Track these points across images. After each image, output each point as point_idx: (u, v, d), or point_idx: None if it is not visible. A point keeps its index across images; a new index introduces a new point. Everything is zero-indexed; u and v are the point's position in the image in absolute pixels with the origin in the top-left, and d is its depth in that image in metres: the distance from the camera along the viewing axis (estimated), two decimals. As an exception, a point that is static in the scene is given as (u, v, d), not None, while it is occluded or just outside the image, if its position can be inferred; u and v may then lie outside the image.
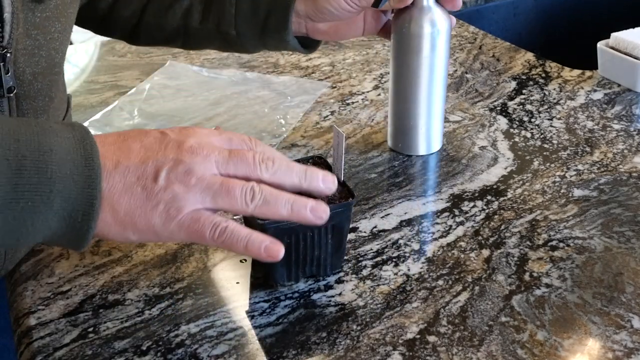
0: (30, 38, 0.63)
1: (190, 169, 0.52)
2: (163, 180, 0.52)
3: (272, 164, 0.56)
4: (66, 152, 0.50)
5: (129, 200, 0.52)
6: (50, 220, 0.50)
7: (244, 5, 0.82)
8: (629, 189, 0.78)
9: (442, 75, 0.83)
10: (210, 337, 0.59)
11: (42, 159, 0.49)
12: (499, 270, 0.66)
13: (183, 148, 0.53)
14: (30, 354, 0.58)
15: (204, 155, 0.53)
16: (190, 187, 0.52)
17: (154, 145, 0.54)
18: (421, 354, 0.57)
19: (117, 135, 0.55)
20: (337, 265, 0.66)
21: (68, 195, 0.49)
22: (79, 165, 0.50)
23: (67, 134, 0.51)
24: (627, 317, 0.61)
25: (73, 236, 0.51)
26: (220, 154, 0.54)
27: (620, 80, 1.02)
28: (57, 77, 0.68)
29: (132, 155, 0.53)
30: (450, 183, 0.80)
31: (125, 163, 0.52)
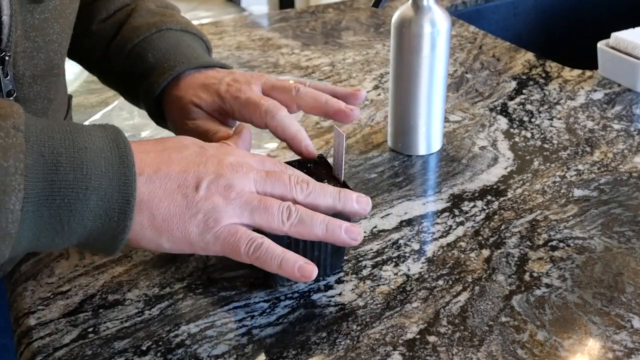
0: (29, 40, 0.62)
1: (231, 184, 0.54)
2: (204, 190, 0.53)
3: (307, 186, 0.58)
4: (100, 150, 0.50)
5: (169, 206, 0.52)
6: (86, 218, 0.49)
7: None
8: (629, 189, 0.78)
9: (442, 75, 0.83)
10: (210, 337, 0.59)
11: (77, 155, 0.49)
12: (499, 270, 0.66)
13: (223, 164, 0.55)
14: (30, 354, 0.58)
15: (244, 173, 0.55)
16: (230, 200, 0.54)
17: (194, 157, 0.55)
18: (421, 354, 0.57)
19: (154, 143, 0.55)
20: (337, 266, 0.66)
21: (104, 192, 0.49)
22: (113, 164, 0.50)
23: (99, 134, 0.52)
24: (628, 317, 0.61)
25: (108, 237, 0.51)
26: (258, 174, 0.56)
27: (620, 80, 1.02)
28: (56, 78, 0.68)
29: (173, 164, 0.54)
30: (450, 183, 0.80)
31: (166, 170, 0.53)
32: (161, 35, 0.76)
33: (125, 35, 0.77)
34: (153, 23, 0.77)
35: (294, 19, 1.33)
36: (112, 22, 0.79)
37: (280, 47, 1.19)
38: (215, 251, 0.55)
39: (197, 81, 0.72)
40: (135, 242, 0.54)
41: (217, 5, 4.28)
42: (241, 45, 1.20)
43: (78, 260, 0.69)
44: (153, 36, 0.76)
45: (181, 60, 0.73)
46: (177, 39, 0.77)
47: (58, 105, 0.70)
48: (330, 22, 1.31)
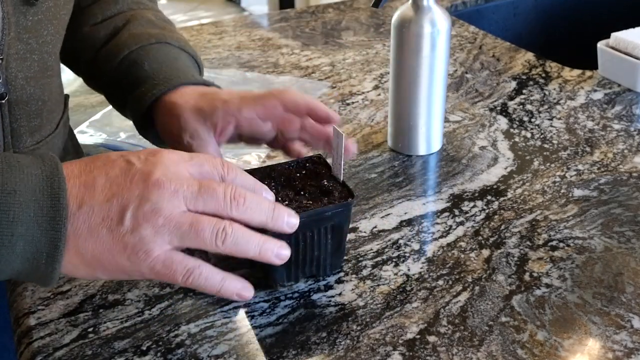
0: (22, 42, 0.61)
1: (157, 208, 0.50)
2: (129, 221, 0.50)
3: (243, 201, 0.54)
4: (32, 192, 0.48)
5: (95, 243, 0.50)
6: (13, 262, 0.48)
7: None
8: (629, 189, 0.78)
9: (442, 75, 0.83)
10: (210, 337, 0.59)
11: (4, 200, 0.47)
12: (499, 270, 0.66)
13: (149, 182, 0.51)
14: (30, 354, 0.58)
15: (172, 191, 0.51)
16: (158, 227, 0.50)
17: (119, 178, 0.51)
18: (421, 354, 0.57)
19: (84, 164, 0.52)
20: (337, 265, 0.66)
21: (31, 238, 0.48)
22: (44, 207, 0.48)
23: (34, 170, 0.49)
24: (627, 317, 0.61)
25: (38, 276, 0.50)
26: (189, 188, 0.52)
27: (620, 80, 1.02)
28: (50, 80, 0.67)
29: (97, 193, 0.51)
30: (450, 183, 0.80)
31: (89, 202, 0.50)
32: (160, 47, 0.75)
33: (122, 40, 0.76)
34: (154, 34, 0.76)
35: (294, 19, 1.33)
36: (106, 26, 0.78)
37: (280, 47, 1.19)
38: (153, 278, 0.53)
39: (196, 91, 0.71)
40: (71, 275, 0.53)
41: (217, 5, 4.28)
42: (241, 45, 1.20)
43: (78, 260, 0.69)
44: (152, 46, 0.75)
45: (178, 75, 0.72)
46: (175, 55, 0.75)
47: (52, 105, 0.70)
48: (330, 22, 1.31)
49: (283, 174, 0.65)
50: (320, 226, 0.61)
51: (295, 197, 0.62)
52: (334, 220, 0.61)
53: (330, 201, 0.61)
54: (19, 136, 0.65)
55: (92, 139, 0.91)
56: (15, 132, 0.64)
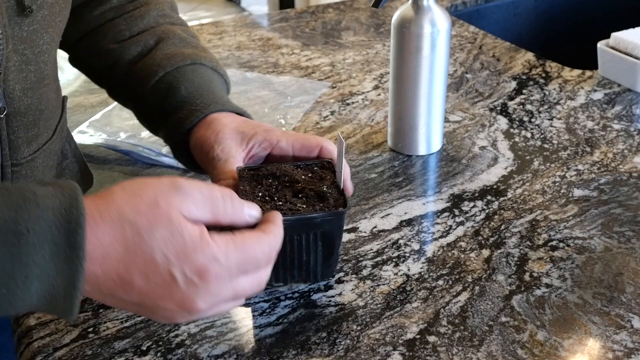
0: (18, 54, 0.60)
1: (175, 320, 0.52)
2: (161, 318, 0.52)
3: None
4: (47, 231, 0.46)
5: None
6: (29, 300, 0.47)
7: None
8: (629, 189, 0.78)
9: (442, 75, 0.83)
10: (210, 337, 0.59)
11: (16, 242, 0.45)
12: (499, 270, 0.66)
13: (192, 312, 0.51)
14: (30, 354, 0.58)
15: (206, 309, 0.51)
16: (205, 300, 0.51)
17: (158, 290, 0.50)
18: (421, 354, 0.57)
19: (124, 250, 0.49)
20: (328, 274, 0.65)
21: (47, 278, 0.46)
22: (59, 245, 0.46)
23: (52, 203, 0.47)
24: (627, 317, 0.61)
25: (58, 312, 0.49)
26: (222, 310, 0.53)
27: (620, 80, 1.02)
28: (47, 88, 0.66)
29: (132, 294, 0.50)
30: (450, 183, 0.80)
31: (123, 297, 0.50)
32: (195, 69, 0.74)
33: (157, 61, 0.74)
34: (188, 54, 0.75)
35: (294, 19, 1.33)
36: (135, 42, 0.76)
37: (280, 47, 1.19)
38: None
39: (239, 118, 0.70)
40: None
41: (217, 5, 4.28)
42: (241, 45, 1.20)
43: (78, 260, 0.69)
44: (187, 68, 0.74)
45: (215, 100, 0.71)
46: (210, 77, 0.75)
47: (49, 113, 0.68)
48: (330, 22, 1.31)
49: (288, 174, 0.64)
50: (309, 231, 0.60)
51: (292, 199, 0.62)
52: (323, 228, 0.60)
53: (322, 208, 0.60)
54: (16, 148, 0.64)
55: (92, 139, 0.91)
56: (12, 143, 0.64)
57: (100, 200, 0.49)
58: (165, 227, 0.49)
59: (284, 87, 1.04)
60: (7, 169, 0.64)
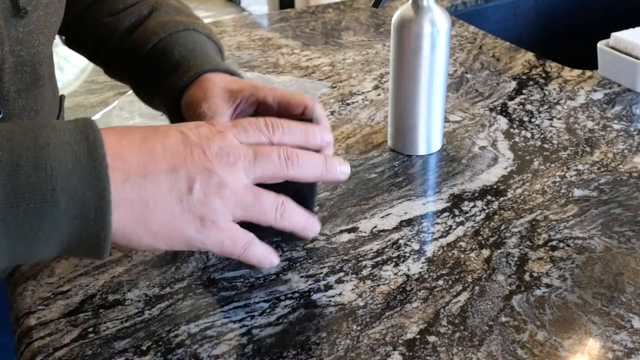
0: (14, 55, 0.60)
1: (223, 181, 0.52)
2: (198, 192, 0.51)
3: (297, 159, 0.55)
4: (67, 145, 0.47)
5: (163, 213, 0.50)
6: (60, 221, 0.46)
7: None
8: (629, 189, 0.78)
9: (442, 75, 0.83)
10: (210, 337, 0.59)
11: (39, 155, 0.45)
12: (499, 270, 0.66)
13: (209, 155, 0.52)
14: (30, 354, 0.58)
15: (232, 163, 0.53)
16: (225, 200, 0.52)
17: (178, 148, 0.52)
18: (421, 354, 0.57)
19: (133, 134, 0.52)
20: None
21: (74, 190, 0.46)
22: (81, 158, 0.46)
23: (67, 126, 0.48)
24: (627, 317, 0.61)
25: (90, 238, 0.48)
26: (246, 158, 0.53)
27: (620, 80, 1.02)
28: (42, 89, 0.66)
29: (159, 161, 0.51)
30: (450, 183, 0.80)
31: (153, 172, 0.50)
32: (188, 34, 0.75)
33: (150, 28, 0.75)
34: (181, 21, 0.76)
35: (294, 19, 1.33)
36: (130, 13, 0.77)
37: (280, 47, 1.19)
38: (214, 251, 0.55)
39: (230, 77, 0.71)
40: (133, 247, 0.52)
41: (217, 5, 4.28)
42: (241, 45, 1.20)
43: (78, 260, 0.69)
44: (180, 33, 0.75)
45: (209, 62, 0.72)
46: (203, 42, 0.76)
47: (45, 114, 0.68)
48: (330, 22, 1.31)
49: None
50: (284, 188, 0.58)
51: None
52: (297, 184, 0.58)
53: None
54: None
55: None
56: None
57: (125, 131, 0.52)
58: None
59: (284, 87, 1.04)
60: None
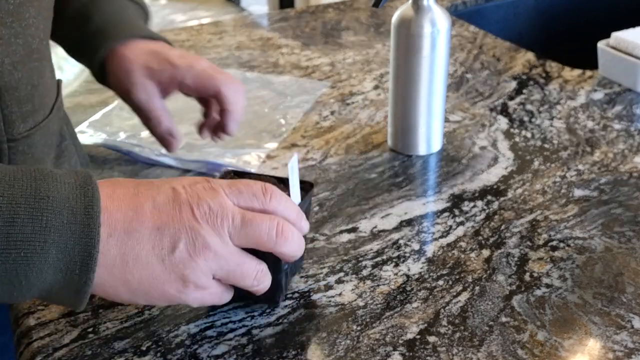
0: (6, 27, 0.61)
1: (207, 243, 0.51)
2: (181, 252, 0.51)
3: (287, 237, 0.55)
4: (65, 199, 0.48)
5: (144, 270, 0.51)
6: (46, 272, 0.47)
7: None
8: (629, 189, 0.78)
9: (442, 75, 0.83)
10: (210, 337, 0.59)
11: (37, 206, 0.47)
12: (499, 270, 0.66)
13: (197, 214, 0.52)
14: (30, 354, 0.58)
15: (219, 226, 0.52)
16: (208, 261, 0.52)
17: (167, 206, 0.52)
18: (421, 354, 0.57)
19: (126, 186, 0.52)
20: (272, 300, 0.62)
21: (64, 246, 0.47)
22: (77, 214, 0.48)
23: (68, 179, 0.49)
24: (628, 318, 0.61)
25: (72, 291, 0.49)
26: (235, 222, 0.53)
27: (620, 80, 1.02)
28: (38, 63, 0.67)
29: (146, 218, 0.51)
30: (450, 183, 0.80)
31: (138, 228, 0.50)
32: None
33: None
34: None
35: (294, 19, 1.33)
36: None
37: (280, 47, 1.19)
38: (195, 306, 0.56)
39: (147, 47, 0.76)
40: (111, 299, 0.53)
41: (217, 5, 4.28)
42: (241, 45, 1.20)
43: (78, 260, 0.69)
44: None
45: (128, 27, 0.76)
46: (124, 6, 0.79)
47: (44, 90, 0.69)
48: (330, 22, 1.31)
49: None
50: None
51: None
52: (256, 251, 0.57)
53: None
54: (11, 122, 0.65)
55: (91, 139, 0.91)
56: (6, 118, 0.64)
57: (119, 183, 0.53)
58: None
59: (284, 87, 1.04)
60: (3, 145, 0.65)
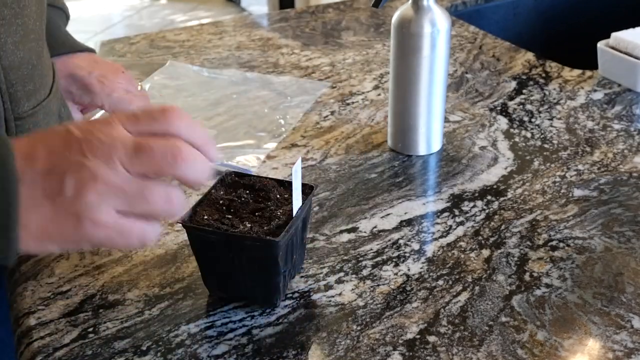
0: (7, 7, 0.64)
1: (95, 175, 0.48)
2: (69, 189, 0.48)
3: (185, 163, 0.50)
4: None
5: (38, 214, 0.49)
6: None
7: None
8: (629, 189, 0.78)
9: (442, 75, 0.83)
10: (210, 337, 0.59)
11: None
12: (499, 270, 0.66)
13: (85, 148, 0.49)
14: (30, 354, 0.58)
15: (107, 156, 0.49)
16: (101, 194, 0.49)
17: (59, 148, 0.50)
18: (421, 354, 0.57)
19: (31, 137, 0.52)
20: (268, 301, 0.62)
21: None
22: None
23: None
24: (627, 317, 0.61)
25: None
26: (125, 150, 0.49)
27: (620, 80, 1.02)
28: (35, 44, 0.69)
29: (37, 164, 0.49)
30: (450, 183, 0.80)
31: (30, 174, 0.49)
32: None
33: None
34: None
35: (294, 19, 1.33)
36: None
37: (280, 47, 1.19)
38: (104, 247, 0.52)
39: (67, 69, 0.78)
40: (24, 250, 0.51)
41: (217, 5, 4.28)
42: (241, 45, 1.20)
43: (78, 260, 0.69)
44: None
45: (54, 42, 0.78)
46: (49, 15, 0.78)
47: (43, 70, 0.71)
48: (330, 22, 1.31)
49: (266, 189, 0.64)
50: (241, 253, 0.59)
51: (245, 215, 0.61)
52: (252, 252, 0.59)
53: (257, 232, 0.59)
54: (17, 101, 0.67)
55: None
56: (12, 96, 0.67)
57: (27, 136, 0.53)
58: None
59: (284, 87, 1.04)
60: (10, 123, 0.67)
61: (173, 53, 1.17)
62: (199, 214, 0.61)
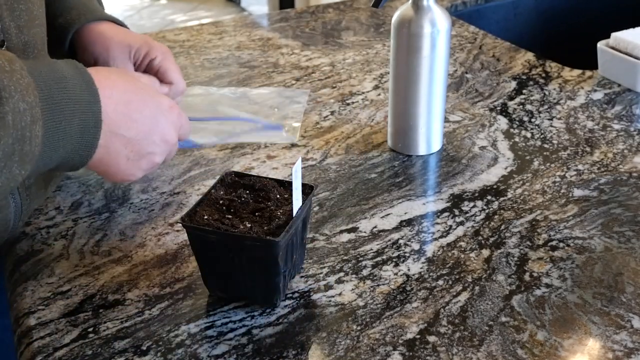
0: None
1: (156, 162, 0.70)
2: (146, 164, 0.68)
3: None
4: (72, 77, 0.59)
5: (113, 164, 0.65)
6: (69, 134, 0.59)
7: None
8: (629, 189, 0.78)
9: (442, 75, 0.83)
10: (210, 337, 0.59)
11: (61, 85, 0.58)
12: (499, 270, 0.66)
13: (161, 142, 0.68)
14: (30, 354, 0.58)
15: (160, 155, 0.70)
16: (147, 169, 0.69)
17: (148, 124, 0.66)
18: (421, 354, 0.57)
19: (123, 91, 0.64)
20: (269, 300, 0.62)
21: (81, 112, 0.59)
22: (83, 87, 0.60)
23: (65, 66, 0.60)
24: (627, 317, 0.61)
25: (81, 146, 0.60)
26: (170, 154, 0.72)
27: (620, 80, 1.02)
28: (39, 29, 0.70)
29: (132, 128, 0.65)
30: (450, 183, 0.80)
31: (125, 134, 0.64)
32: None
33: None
34: None
35: (294, 19, 1.33)
36: None
37: (280, 47, 1.19)
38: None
39: (118, 31, 0.82)
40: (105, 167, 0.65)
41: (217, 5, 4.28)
42: (241, 45, 1.20)
43: (78, 260, 0.69)
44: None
45: (98, 9, 0.82)
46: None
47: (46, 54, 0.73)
48: (330, 22, 1.31)
49: (266, 189, 0.64)
50: (241, 253, 0.59)
51: (245, 215, 0.61)
52: (252, 252, 0.59)
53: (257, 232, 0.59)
54: None
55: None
56: None
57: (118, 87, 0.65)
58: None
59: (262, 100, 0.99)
60: None
61: (173, 53, 1.17)
62: (199, 214, 0.61)
